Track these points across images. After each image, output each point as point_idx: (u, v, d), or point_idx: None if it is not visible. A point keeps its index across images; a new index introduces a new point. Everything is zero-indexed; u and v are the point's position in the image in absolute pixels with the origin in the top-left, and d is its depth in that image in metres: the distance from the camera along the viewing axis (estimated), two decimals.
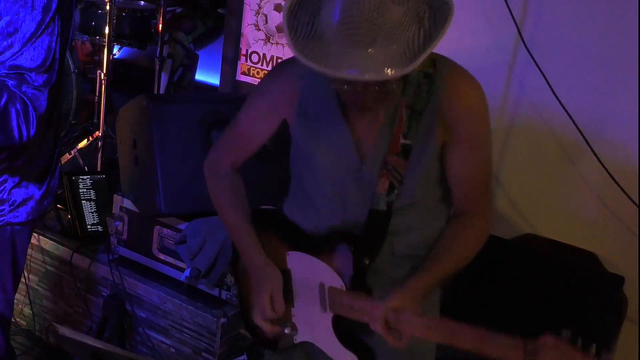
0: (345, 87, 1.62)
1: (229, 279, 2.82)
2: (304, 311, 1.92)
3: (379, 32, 1.47)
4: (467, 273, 2.85)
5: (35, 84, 1.92)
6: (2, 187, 2.11)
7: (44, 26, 1.90)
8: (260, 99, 1.92)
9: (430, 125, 1.72)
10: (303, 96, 1.82)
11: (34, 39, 1.89)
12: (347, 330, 1.87)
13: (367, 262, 1.80)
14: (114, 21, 3.83)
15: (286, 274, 1.92)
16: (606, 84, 2.72)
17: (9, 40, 1.86)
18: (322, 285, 1.86)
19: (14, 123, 1.88)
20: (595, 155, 2.69)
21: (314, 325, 1.91)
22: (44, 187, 2.20)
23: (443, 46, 1.52)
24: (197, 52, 5.04)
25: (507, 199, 2.99)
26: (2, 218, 2.14)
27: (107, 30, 3.77)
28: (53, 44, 1.94)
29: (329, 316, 1.86)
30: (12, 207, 2.15)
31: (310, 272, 1.88)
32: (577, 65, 2.76)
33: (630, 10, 2.61)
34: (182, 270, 2.91)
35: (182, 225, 2.88)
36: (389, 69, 1.48)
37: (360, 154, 1.78)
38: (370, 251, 1.80)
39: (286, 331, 1.94)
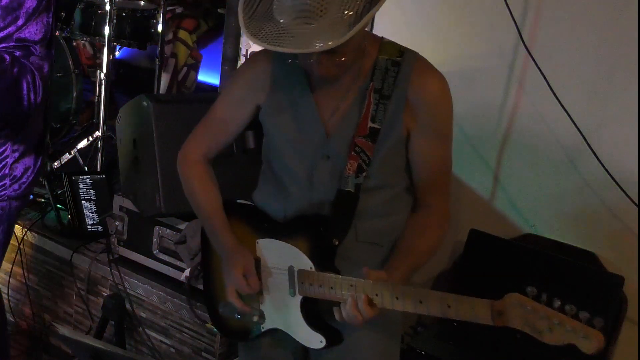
0: (310, 60, 1.71)
1: None
2: (273, 298, 1.94)
3: (325, 12, 1.57)
4: (467, 273, 2.86)
5: (40, 55, 2.08)
6: (4, 162, 2.21)
7: (44, 2, 2.06)
8: (235, 85, 2.01)
9: (397, 111, 1.81)
10: (275, 78, 1.90)
11: (36, 14, 2.04)
12: (315, 313, 1.90)
13: (336, 243, 1.85)
14: (114, 21, 3.83)
15: (256, 263, 1.94)
16: (606, 84, 2.72)
17: (14, 14, 2.01)
18: (291, 269, 1.88)
19: (25, 92, 2.04)
20: (595, 155, 2.69)
21: (282, 311, 1.93)
22: (39, 161, 2.33)
23: (444, 46, 1.52)
24: (200, 52, 5.02)
25: (507, 199, 2.98)
26: (3, 192, 2.21)
27: (107, 30, 3.77)
28: (50, 19, 2.10)
29: (297, 300, 1.89)
30: (12, 181, 2.24)
31: (280, 256, 1.91)
32: (577, 66, 2.76)
33: (630, 10, 2.61)
34: (182, 270, 2.90)
35: (182, 225, 2.88)
36: (326, 42, 1.57)
37: (326, 129, 1.86)
38: (338, 232, 1.86)
39: (254, 319, 1.95)
